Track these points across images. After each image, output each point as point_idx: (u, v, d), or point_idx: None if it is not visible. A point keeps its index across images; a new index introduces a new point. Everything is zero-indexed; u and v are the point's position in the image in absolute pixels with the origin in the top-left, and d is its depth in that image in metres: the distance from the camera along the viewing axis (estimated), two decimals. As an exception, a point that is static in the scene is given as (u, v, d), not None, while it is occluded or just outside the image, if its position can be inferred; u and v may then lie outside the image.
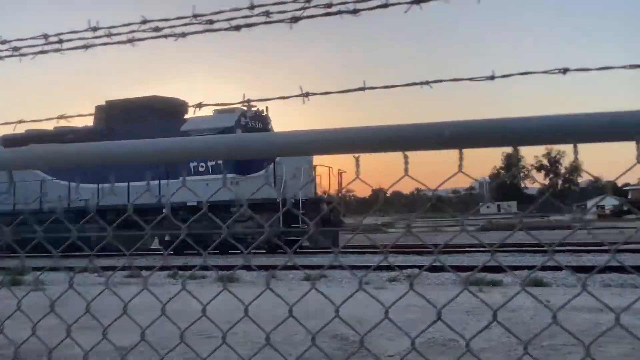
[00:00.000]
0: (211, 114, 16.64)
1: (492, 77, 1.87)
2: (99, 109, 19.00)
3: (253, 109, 16.84)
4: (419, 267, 9.83)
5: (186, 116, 18.13)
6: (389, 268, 9.27)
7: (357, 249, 15.04)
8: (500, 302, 1.42)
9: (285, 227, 16.83)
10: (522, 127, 1.16)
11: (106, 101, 19.30)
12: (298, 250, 16.61)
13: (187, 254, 15.19)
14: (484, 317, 4.82)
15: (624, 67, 1.82)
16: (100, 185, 17.65)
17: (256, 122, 17.76)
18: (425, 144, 1.22)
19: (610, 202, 35.36)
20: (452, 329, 1.30)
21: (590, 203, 47.72)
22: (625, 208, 37.70)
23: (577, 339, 1.18)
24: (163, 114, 18.57)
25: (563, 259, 12.06)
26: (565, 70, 1.93)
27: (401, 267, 9.81)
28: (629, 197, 40.82)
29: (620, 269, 8.73)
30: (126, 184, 15.86)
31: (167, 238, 16.91)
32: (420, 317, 4.12)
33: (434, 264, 8.39)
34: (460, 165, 1.18)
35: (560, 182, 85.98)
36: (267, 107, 17.32)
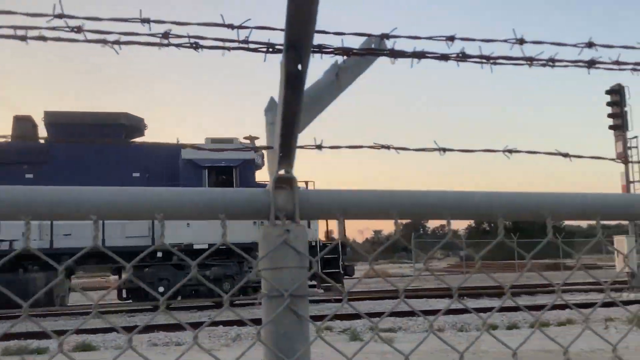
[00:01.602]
0: (203, 142, 15.55)
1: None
2: (25, 121, 16.12)
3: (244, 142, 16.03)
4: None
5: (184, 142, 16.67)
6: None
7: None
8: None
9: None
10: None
11: (45, 112, 16.12)
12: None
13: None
14: None
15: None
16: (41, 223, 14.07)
17: (261, 159, 16.88)
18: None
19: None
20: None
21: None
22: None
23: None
24: (131, 135, 16.67)
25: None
26: None
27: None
28: None
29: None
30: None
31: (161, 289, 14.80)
32: None
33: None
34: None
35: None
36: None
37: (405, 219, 1.21)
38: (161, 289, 14.53)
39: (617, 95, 19.17)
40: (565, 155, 1.64)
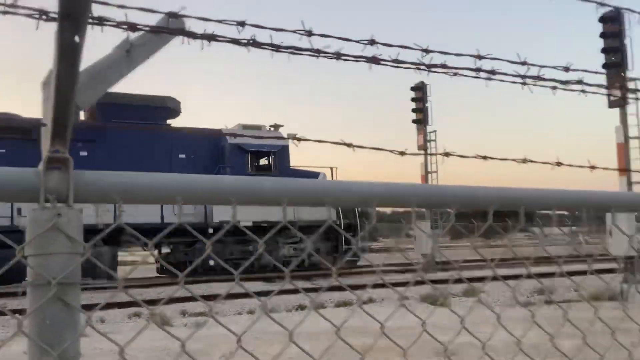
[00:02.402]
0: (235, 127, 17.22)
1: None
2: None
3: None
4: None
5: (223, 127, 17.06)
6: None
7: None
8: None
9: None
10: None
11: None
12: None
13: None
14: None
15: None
16: None
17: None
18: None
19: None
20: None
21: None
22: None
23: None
24: (172, 117, 17.69)
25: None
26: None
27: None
28: None
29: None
30: None
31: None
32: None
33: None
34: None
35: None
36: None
37: (189, 204, 1.19)
38: (211, 263, 15.37)
39: (420, 92, 21.06)
40: (349, 145, 1.76)
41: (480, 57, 1.76)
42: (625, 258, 12.01)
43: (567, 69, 1.76)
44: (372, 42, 1.69)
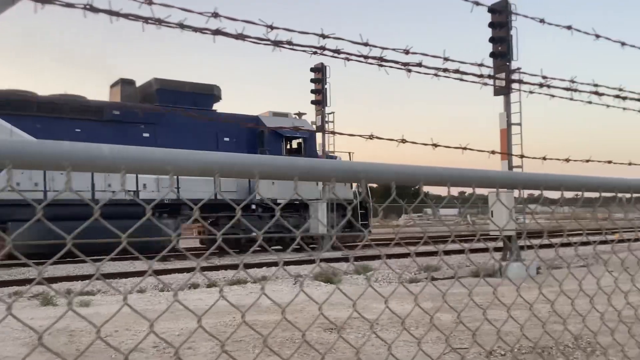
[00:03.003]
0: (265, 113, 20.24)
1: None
2: (142, 87, 19.15)
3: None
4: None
5: (259, 114, 20.28)
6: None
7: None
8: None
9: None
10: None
11: (155, 79, 18.82)
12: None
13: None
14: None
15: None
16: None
17: None
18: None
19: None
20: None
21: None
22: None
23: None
24: (214, 103, 19.87)
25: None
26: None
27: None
28: None
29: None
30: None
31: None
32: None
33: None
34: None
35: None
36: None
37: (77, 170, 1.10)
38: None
39: (319, 73, 21.19)
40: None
41: (324, 36, 1.73)
42: (504, 237, 12.86)
43: (446, 59, 1.80)
44: (215, 14, 1.62)
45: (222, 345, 1.23)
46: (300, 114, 21.39)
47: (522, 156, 12.83)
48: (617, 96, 2.14)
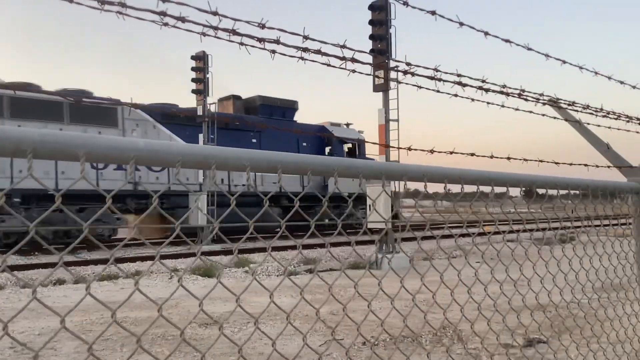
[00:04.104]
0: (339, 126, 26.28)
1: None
2: (247, 101, 24.48)
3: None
4: None
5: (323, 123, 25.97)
6: None
7: None
8: None
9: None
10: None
11: (259, 96, 24.38)
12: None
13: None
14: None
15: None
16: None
17: None
18: None
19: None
20: None
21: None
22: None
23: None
24: (294, 114, 25.35)
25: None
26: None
27: None
28: None
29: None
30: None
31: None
32: None
33: None
34: None
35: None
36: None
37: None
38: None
39: (201, 62, 20.65)
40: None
41: (215, 14, 1.64)
42: (379, 231, 13.35)
43: (306, 38, 1.78)
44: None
45: (89, 348, 1.12)
46: (348, 124, 26.85)
47: (386, 145, 13.40)
48: (480, 87, 2.25)
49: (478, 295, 2.05)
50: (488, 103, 2.50)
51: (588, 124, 2.74)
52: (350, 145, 26.25)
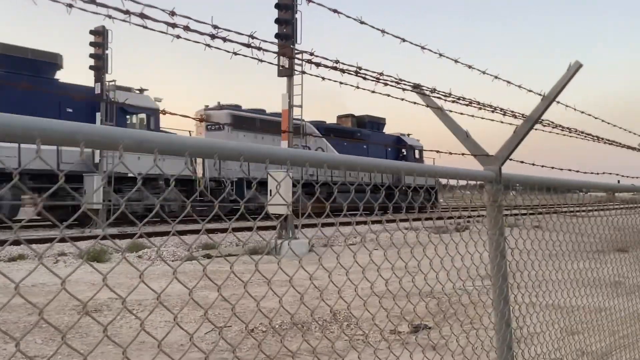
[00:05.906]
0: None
1: None
2: (359, 117, 33.35)
3: None
4: None
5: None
6: None
7: None
8: None
9: None
10: None
11: (367, 115, 33.63)
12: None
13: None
14: None
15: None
16: None
17: None
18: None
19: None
20: None
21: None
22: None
23: None
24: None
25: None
26: None
27: None
28: None
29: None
30: None
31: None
32: None
33: None
34: None
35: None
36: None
37: None
38: None
39: (100, 37, 19.58)
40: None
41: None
42: (279, 216, 13.38)
43: (215, 27, 1.72)
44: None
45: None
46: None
47: (287, 131, 13.49)
48: (377, 80, 2.27)
49: (372, 281, 2.08)
50: (357, 87, 2.46)
51: (451, 111, 2.84)
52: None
